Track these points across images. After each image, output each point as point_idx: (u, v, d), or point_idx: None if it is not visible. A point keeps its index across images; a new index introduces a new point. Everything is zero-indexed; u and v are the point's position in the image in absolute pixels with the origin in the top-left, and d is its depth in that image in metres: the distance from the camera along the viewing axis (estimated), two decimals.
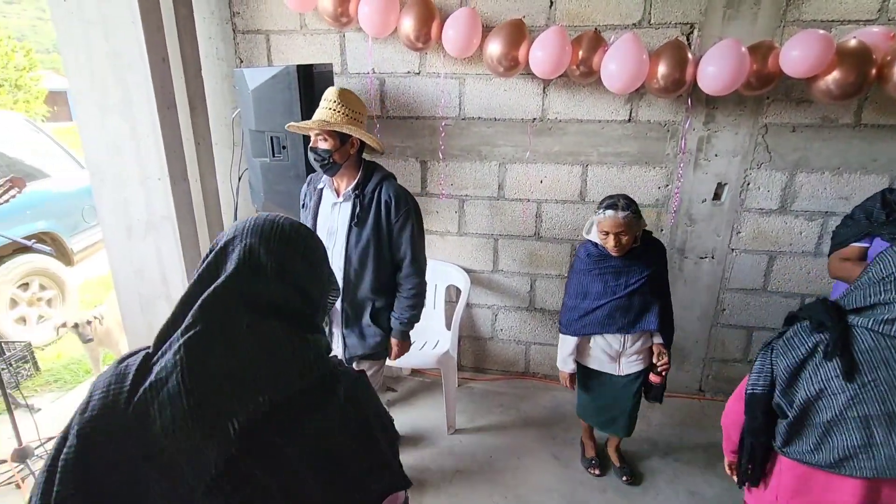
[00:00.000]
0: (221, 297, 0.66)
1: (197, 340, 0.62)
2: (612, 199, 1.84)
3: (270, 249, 0.71)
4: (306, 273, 0.75)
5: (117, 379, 0.63)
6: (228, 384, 0.61)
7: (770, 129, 2.31)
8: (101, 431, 0.60)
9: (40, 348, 3.42)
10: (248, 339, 0.64)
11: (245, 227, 0.73)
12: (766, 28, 2.14)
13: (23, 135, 3.88)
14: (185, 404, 0.58)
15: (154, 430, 0.58)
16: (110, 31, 2.12)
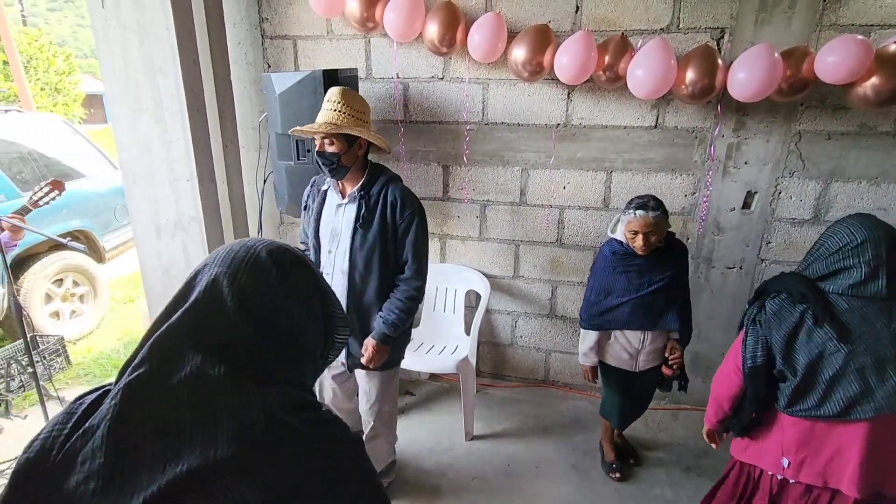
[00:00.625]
0: (172, 335, 0.59)
1: (136, 385, 0.55)
2: (641, 200, 1.85)
3: (236, 280, 0.62)
4: (283, 308, 0.64)
5: (64, 419, 0.58)
6: (151, 444, 0.52)
7: (804, 136, 2.23)
8: (29, 476, 0.55)
9: (72, 342, 3.53)
10: (184, 390, 0.55)
11: (219, 254, 0.65)
12: (800, 33, 2.08)
13: (61, 136, 4.04)
14: (101, 462, 0.51)
15: (69, 484, 0.52)
16: (145, 36, 2.18)
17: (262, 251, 0.65)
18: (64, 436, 0.55)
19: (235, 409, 0.54)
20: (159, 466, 0.51)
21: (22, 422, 2.67)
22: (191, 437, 0.52)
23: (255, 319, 0.61)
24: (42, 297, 3.44)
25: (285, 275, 0.65)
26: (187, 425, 0.53)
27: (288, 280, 0.65)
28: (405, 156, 2.64)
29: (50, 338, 3.19)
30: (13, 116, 3.91)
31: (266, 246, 0.67)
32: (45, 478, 0.53)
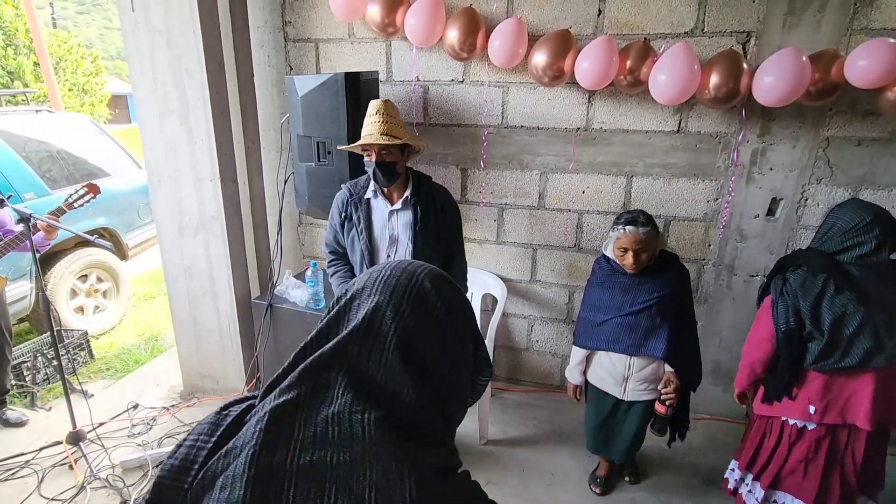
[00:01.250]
0: (325, 364, 0.55)
1: (282, 412, 0.52)
2: (631, 215, 1.78)
3: (399, 313, 0.56)
4: (445, 350, 0.58)
5: (209, 430, 0.56)
6: (294, 487, 0.48)
7: (832, 142, 2.18)
8: (169, 488, 0.54)
9: (95, 337, 3.62)
10: (333, 430, 0.50)
11: (378, 277, 0.60)
12: (830, 37, 2.04)
13: (88, 136, 4.14)
14: (241, 494, 0.48)
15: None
16: (172, 39, 2.24)
17: (426, 280, 0.59)
18: (207, 450, 0.54)
19: (385, 468, 0.49)
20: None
21: (47, 413, 2.74)
22: (334, 489, 0.48)
23: (415, 361, 0.55)
24: (67, 293, 3.53)
25: (449, 311, 0.59)
26: (331, 474, 0.48)
27: (452, 317, 0.59)
28: (424, 158, 2.65)
29: (74, 332, 3.27)
30: (44, 116, 4.02)
31: (428, 274, 0.60)
32: (184, 493, 0.52)
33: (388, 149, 1.76)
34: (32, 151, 3.52)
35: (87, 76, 13.92)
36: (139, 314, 4.20)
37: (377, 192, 1.89)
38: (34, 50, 10.30)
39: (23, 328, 3.68)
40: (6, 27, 11.66)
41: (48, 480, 2.21)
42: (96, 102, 14.22)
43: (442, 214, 1.91)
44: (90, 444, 2.37)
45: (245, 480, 0.48)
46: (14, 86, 11.44)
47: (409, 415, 0.53)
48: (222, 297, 2.61)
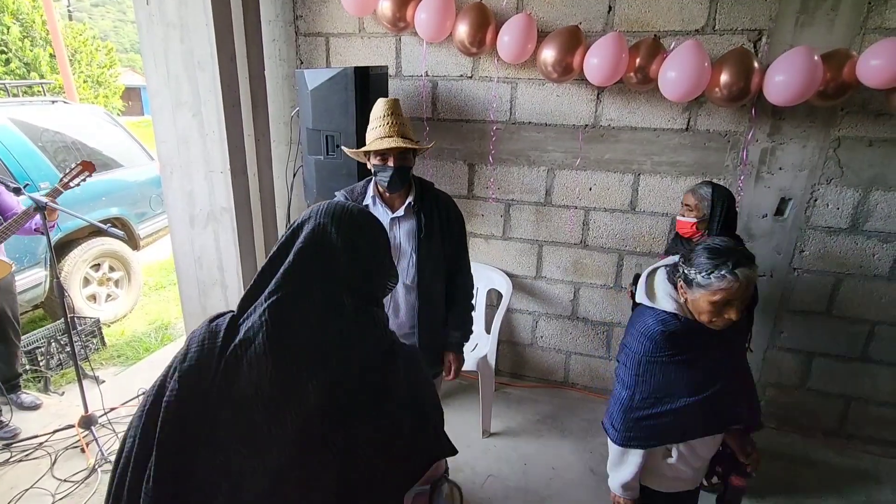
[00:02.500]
0: (298, 269, 0.73)
1: (279, 306, 0.69)
2: (727, 252, 1.20)
3: (340, 229, 0.76)
4: (371, 256, 0.80)
5: (210, 336, 0.71)
6: (305, 352, 0.68)
7: (843, 142, 2.16)
8: (197, 380, 0.68)
9: (107, 325, 3.69)
10: (326, 313, 0.71)
11: (319, 209, 0.80)
12: (843, 36, 2.02)
13: (102, 127, 4.21)
14: (269, 366, 0.66)
15: (240, 384, 0.66)
16: (186, 32, 2.27)
17: (354, 209, 0.82)
18: (219, 347, 0.69)
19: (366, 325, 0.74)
20: (318, 369, 0.68)
21: (60, 398, 2.81)
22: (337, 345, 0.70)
23: (358, 261, 0.77)
24: (80, 281, 3.61)
25: (370, 227, 0.83)
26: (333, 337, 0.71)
27: (372, 232, 0.83)
28: (432, 153, 2.66)
29: (87, 319, 3.34)
30: (59, 107, 4.09)
31: (352, 206, 0.83)
32: (214, 382, 0.67)
33: (405, 153, 1.63)
34: (48, 141, 3.59)
35: (101, 68, 14.09)
36: (150, 303, 4.27)
37: (376, 199, 1.72)
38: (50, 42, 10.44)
39: (37, 314, 3.77)
40: (23, 19, 11.82)
41: (61, 462, 2.27)
42: (110, 94, 14.39)
43: (447, 224, 1.75)
44: (101, 429, 2.43)
45: (268, 356, 0.66)
46: (31, 77, 11.61)
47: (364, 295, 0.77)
48: (231, 287, 2.65)
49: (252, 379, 0.66)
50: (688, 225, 1.94)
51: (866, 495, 2.22)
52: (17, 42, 11.65)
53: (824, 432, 2.56)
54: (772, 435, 2.55)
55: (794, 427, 2.58)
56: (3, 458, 2.29)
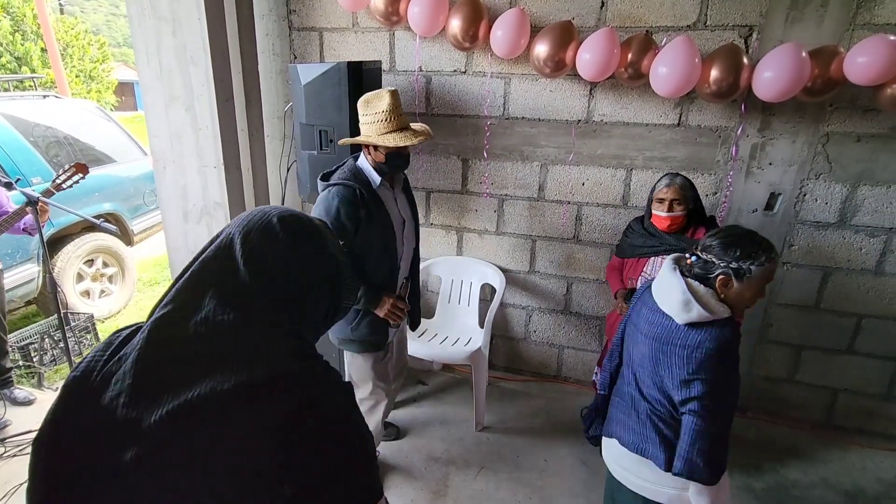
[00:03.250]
0: (193, 281, 0.68)
1: (162, 322, 0.65)
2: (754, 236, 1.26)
3: (248, 240, 0.69)
4: (287, 269, 0.70)
5: (104, 347, 0.69)
6: (172, 372, 0.62)
7: (832, 138, 2.19)
8: (75, 391, 0.65)
9: (101, 321, 3.68)
10: (201, 329, 0.64)
11: (238, 219, 0.74)
12: (832, 32, 2.04)
13: (94, 122, 4.18)
14: (130, 382, 0.61)
15: (104, 399, 0.62)
16: (178, 26, 2.26)
17: (273, 217, 0.72)
18: (103, 361, 0.66)
19: (243, 349, 0.63)
20: (176, 391, 0.60)
21: (53, 394, 2.80)
22: (204, 369, 0.61)
23: (262, 276, 0.68)
24: (74, 276, 3.59)
25: (293, 239, 0.72)
26: (201, 361, 0.62)
27: (295, 244, 0.72)
28: (426, 148, 2.67)
29: (81, 315, 3.33)
30: (51, 102, 4.06)
31: (279, 213, 0.73)
32: (87, 394, 0.64)
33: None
34: (40, 136, 3.56)
35: (93, 63, 13.94)
36: (144, 299, 4.26)
37: (383, 182, 1.85)
38: (41, 36, 10.33)
39: (30, 310, 3.75)
40: (14, 12, 11.68)
41: None
42: (103, 89, 14.25)
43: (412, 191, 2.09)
44: None
45: (133, 373, 0.61)
46: (22, 71, 11.48)
47: (264, 314, 0.67)
48: None
49: (112, 395, 0.61)
50: (679, 219, 1.97)
51: (852, 484, 2.26)
52: (8, 36, 11.52)
53: (812, 424, 2.60)
54: (761, 426, 2.59)
55: (783, 419, 2.62)
56: None
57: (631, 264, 2.13)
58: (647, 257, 2.05)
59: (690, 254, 1.29)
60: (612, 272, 2.27)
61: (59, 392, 0.67)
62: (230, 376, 0.60)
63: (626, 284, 2.15)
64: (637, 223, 2.15)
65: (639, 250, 2.08)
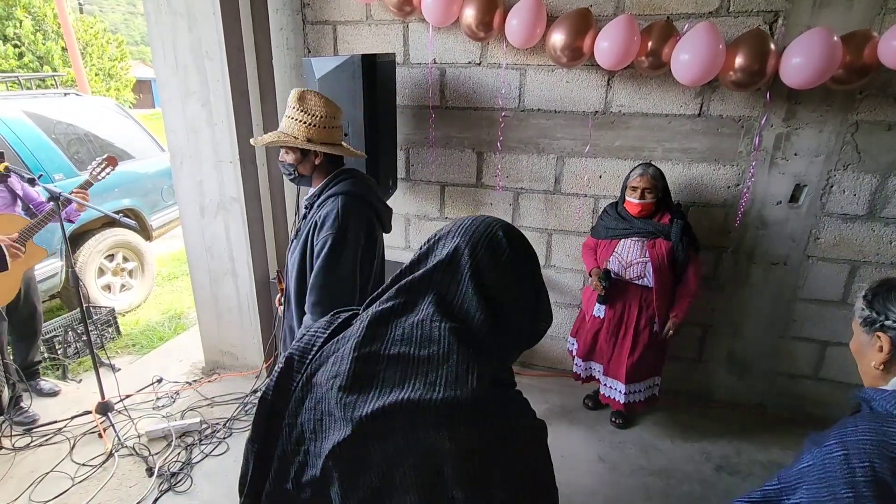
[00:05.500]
0: (416, 286, 0.70)
1: (383, 316, 0.68)
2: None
3: (475, 252, 0.69)
4: (508, 286, 0.70)
5: (325, 325, 0.75)
6: (384, 368, 0.64)
7: (861, 127, 2.11)
8: (297, 360, 0.72)
9: (122, 314, 3.75)
10: (416, 332, 0.65)
11: (460, 226, 0.73)
12: (862, 16, 1.96)
13: (114, 119, 4.24)
14: (347, 368, 0.65)
15: (321, 376, 0.68)
16: (194, 22, 2.27)
17: (498, 230, 0.72)
18: (324, 338, 0.73)
19: (454, 364, 0.63)
20: (387, 388, 0.63)
21: (77, 385, 2.87)
22: (415, 373, 0.63)
23: (483, 291, 0.68)
24: (95, 271, 3.66)
25: (515, 256, 0.71)
26: (413, 363, 0.64)
27: (516, 261, 0.71)
28: (440, 141, 2.65)
29: (102, 309, 3.40)
30: (71, 100, 4.13)
31: (502, 226, 0.73)
32: (305, 366, 0.71)
33: (284, 148, 1.63)
34: (61, 134, 3.63)
35: (112, 61, 14.16)
36: (163, 293, 4.33)
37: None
38: (62, 35, 10.52)
39: (54, 304, 3.84)
40: (35, 13, 11.91)
41: (79, 447, 2.32)
42: (121, 87, 14.48)
43: (312, 233, 1.59)
44: (118, 415, 2.48)
45: (351, 359, 0.65)
46: (43, 70, 11.72)
47: (475, 332, 0.67)
48: (242, 276, 2.67)
49: (329, 376, 0.67)
50: (649, 206, 2.15)
51: None
52: (30, 36, 11.76)
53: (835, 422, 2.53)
54: (782, 424, 2.53)
55: (804, 416, 2.55)
56: (24, 443, 2.35)
57: (604, 245, 2.27)
58: (618, 239, 2.21)
59: None
60: (587, 251, 2.41)
61: (284, 360, 0.73)
62: (438, 389, 0.61)
63: (599, 264, 2.29)
64: (612, 207, 2.29)
65: (612, 232, 2.24)
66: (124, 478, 2.16)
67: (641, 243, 2.16)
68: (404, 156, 2.75)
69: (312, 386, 0.69)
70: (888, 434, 0.77)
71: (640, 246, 2.16)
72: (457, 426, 0.59)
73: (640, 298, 2.22)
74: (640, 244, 2.16)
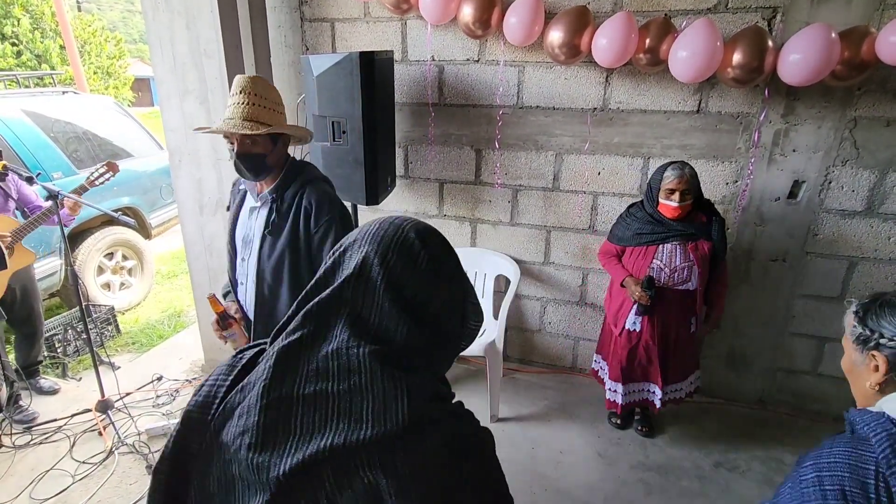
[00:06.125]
0: (325, 307, 0.61)
1: (288, 350, 0.59)
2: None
3: (386, 260, 0.61)
4: (429, 293, 0.63)
5: (227, 370, 0.64)
6: (299, 413, 0.56)
7: (860, 122, 2.11)
8: (196, 420, 0.62)
9: (121, 313, 3.76)
10: (332, 364, 0.57)
11: (367, 231, 0.65)
12: (861, 12, 1.95)
13: (112, 117, 4.24)
14: (255, 420, 0.56)
15: (227, 434, 0.58)
16: (191, 20, 2.26)
17: (410, 231, 0.64)
18: (226, 387, 0.62)
19: (380, 392, 0.55)
20: (306, 436, 0.54)
21: (77, 384, 2.87)
22: (336, 413, 0.55)
23: (403, 302, 0.61)
24: (94, 269, 3.67)
25: (433, 257, 0.64)
26: (333, 401, 0.55)
27: (435, 263, 0.64)
28: (439, 139, 2.65)
29: (102, 307, 3.40)
30: (70, 98, 4.12)
31: (414, 226, 0.65)
32: (208, 424, 0.60)
33: (252, 137, 1.45)
34: (60, 132, 3.62)
35: (110, 59, 14.12)
36: (163, 291, 4.34)
37: (248, 186, 1.60)
38: (60, 33, 10.49)
39: (53, 303, 3.84)
40: (33, 11, 11.88)
41: (79, 445, 2.33)
42: (120, 85, 14.45)
43: (304, 223, 1.51)
44: (117, 413, 2.49)
45: (259, 409, 0.56)
46: (41, 68, 11.69)
47: (400, 349, 0.59)
48: None
49: (236, 434, 0.57)
50: (688, 207, 2.02)
51: None
52: (28, 34, 11.73)
53: (835, 418, 2.54)
54: (782, 419, 2.54)
55: (804, 412, 2.56)
56: (25, 441, 2.35)
57: (639, 252, 2.13)
58: (655, 244, 2.08)
59: None
60: (609, 259, 2.26)
61: (181, 419, 0.63)
62: (366, 425, 0.53)
63: (634, 273, 2.14)
64: (639, 210, 2.14)
65: (647, 237, 2.09)
66: (124, 475, 2.17)
67: (684, 246, 2.06)
68: (403, 153, 2.75)
69: (220, 446, 0.58)
70: (861, 458, 0.77)
71: (682, 249, 2.06)
72: (391, 459, 0.53)
73: (682, 303, 2.12)
74: (682, 247, 2.06)
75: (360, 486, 0.53)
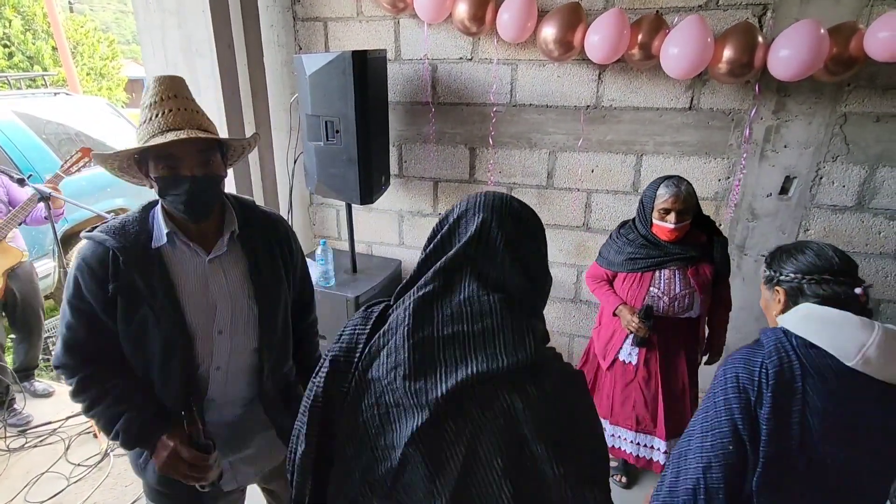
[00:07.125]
0: (454, 264, 0.71)
1: (426, 300, 0.70)
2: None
3: (503, 225, 0.73)
4: (533, 254, 0.76)
5: (362, 321, 0.75)
6: (442, 349, 0.66)
7: (850, 118, 2.12)
8: (343, 361, 0.72)
9: None
10: (466, 309, 0.68)
11: (477, 201, 0.77)
12: (851, 8, 1.97)
13: (105, 118, 4.23)
14: (406, 356, 0.66)
15: (374, 372, 0.69)
16: (183, 19, 2.25)
17: (513, 202, 0.78)
18: (366, 334, 0.73)
19: (509, 331, 0.66)
20: (451, 367, 0.65)
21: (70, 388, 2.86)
22: (473, 348, 0.66)
23: (519, 259, 0.73)
24: None
25: (535, 223, 0.79)
26: (469, 339, 0.66)
27: (536, 228, 0.78)
28: (432, 137, 2.65)
29: None
30: (62, 99, 4.10)
31: (512, 198, 0.79)
32: (355, 365, 0.71)
33: (208, 154, 1.07)
34: (52, 133, 3.61)
35: (103, 60, 14.04)
36: None
37: (175, 236, 1.11)
38: (52, 34, 10.42)
39: (48, 305, 3.82)
40: (25, 12, 11.79)
41: (74, 447, 2.32)
42: (113, 86, 14.36)
43: (289, 253, 1.26)
44: None
45: (407, 347, 0.67)
46: (33, 70, 11.62)
47: (518, 297, 0.71)
48: None
49: (388, 369, 0.68)
50: (687, 228, 1.81)
51: None
52: (20, 35, 11.64)
53: None
54: None
55: None
56: (19, 444, 2.35)
57: (633, 279, 1.88)
58: (651, 270, 1.85)
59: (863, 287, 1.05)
60: (599, 284, 2.02)
61: (328, 363, 0.73)
62: (501, 357, 0.64)
63: (628, 300, 1.90)
64: (630, 231, 1.91)
65: (642, 263, 1.85)
66: (119, 477, 2.17)
67: (683, 271, 1.83)
68: (397, 152, 2.75)
69: (369, 382, 0.69)
70: (754, 354, 1.03)
71: (681, 274, 1.82)
72: (524, 387, 0.64)
73: (685, 333, 1.89)
74: (682, 272, 1.82)
75: (499, 408, 0.63)
